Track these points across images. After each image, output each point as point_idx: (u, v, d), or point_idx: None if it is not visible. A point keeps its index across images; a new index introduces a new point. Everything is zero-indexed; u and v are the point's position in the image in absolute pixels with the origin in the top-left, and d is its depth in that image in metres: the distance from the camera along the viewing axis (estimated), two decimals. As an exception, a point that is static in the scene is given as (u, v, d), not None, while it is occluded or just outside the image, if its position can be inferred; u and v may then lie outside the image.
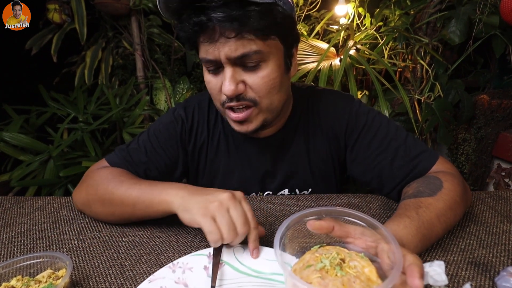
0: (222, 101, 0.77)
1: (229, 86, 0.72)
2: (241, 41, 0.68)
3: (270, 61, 0.74)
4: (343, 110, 0.89)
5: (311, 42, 2.08)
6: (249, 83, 0.74)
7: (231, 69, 0.72)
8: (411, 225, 0.60)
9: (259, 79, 0.73)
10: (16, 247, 0.73)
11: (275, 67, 0.75)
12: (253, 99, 0.75)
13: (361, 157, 0.87)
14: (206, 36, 0.70)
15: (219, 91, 0.77)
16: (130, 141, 0.94)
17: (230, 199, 0.61)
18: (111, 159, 0.90)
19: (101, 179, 0.80)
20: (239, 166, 0.95)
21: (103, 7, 2.28)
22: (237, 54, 0.69)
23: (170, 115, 0.93)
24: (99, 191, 0.78)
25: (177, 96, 2.51)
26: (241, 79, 0.73)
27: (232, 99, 0.75)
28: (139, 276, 0.61)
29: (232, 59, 0.70)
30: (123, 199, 0.74)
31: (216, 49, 0.70)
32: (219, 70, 0.75)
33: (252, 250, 0.62)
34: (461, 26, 1.71)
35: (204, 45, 0.71)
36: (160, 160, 0.90)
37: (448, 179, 0.72)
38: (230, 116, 0.79)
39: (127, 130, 2.12)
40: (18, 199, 0.95)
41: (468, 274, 0.57)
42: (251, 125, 0.79)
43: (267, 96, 0.76)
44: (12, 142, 1.87)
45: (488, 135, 1.94)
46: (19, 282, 0.55)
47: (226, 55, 0.70)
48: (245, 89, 0.74)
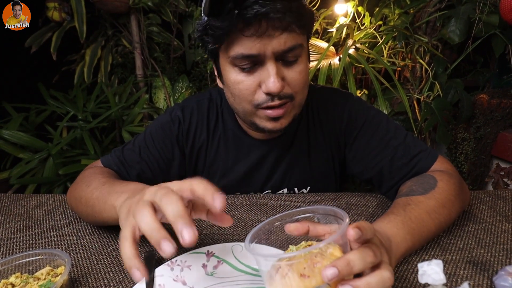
0: (260, 101, 0.74)
1: (276, 83, 0.70)
2: (288, 35, 0.68)
3: (304, 56, 0.75)
4: (342, 108, 0.89)
5: (310, 41, 2.07)
6: (289, 78, 0.73)
7: (275, 65, 0.70)
8: (396, 220, 0.60)
9: (297, 74, 0.73)
10: (15, 244, 0.73)
11: (306, 61, 0.76)
12: (290, 94, 0.75)
13: (360, 155, 0.87)
14: (252, 29, 0.66)
15: (253, 91, 0.74)
16: (128, 141, 0.93)
17: (134, 205, 0.48)
18: (104, 159, 0.89)
19: (81, 178, 0.80)
20: (238, 166, 0.95)
21: (102, 5, 2.28)
22: (285, 47, 0.68)
23: (167, 115, 0.92)
24: (76, 190, 0.78)
25: (176, 94, 2.51)
26: (282, 75, 0.72)
27: (274, 97, 0.73)
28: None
29: (280, 53, 0.69)
30: (87, 199, 0.71)
31: (261, 43, 0.67)
32: (255, 68, 0.72)
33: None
34: (460, 25, 1.71)
35: (247, 39, 0.67)
36: (154, 161, 0.89)
37: (444, 178, 0.72)
38: (267, 113, 0.76)
39: (126, 129, 2.12)
40: (17, 196, 0.95)
41: (467, 273, 0.58)
42: (284, 121, 0.78)
43: (302, 91, 0.77)
44: (11, 140, 1.87)
45: (487, 135, 1.94)
46: (18, 279, 0.56)
47: (273, 49, 0.68)
48: (284, 85, 0.73)
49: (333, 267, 0.40)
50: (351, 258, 0.42)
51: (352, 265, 0.41)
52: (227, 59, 0.73)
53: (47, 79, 2.44)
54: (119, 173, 0.87)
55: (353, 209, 0.82)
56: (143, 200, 0.47)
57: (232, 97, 0.79)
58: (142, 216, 0.45)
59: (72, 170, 1.81)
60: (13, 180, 1.79)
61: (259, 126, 0.80)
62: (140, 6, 2.37)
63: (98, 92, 2.26)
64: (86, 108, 2.14)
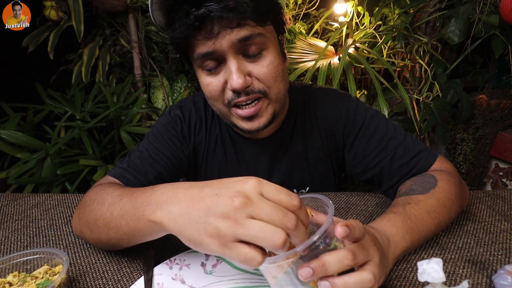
0: (228, 99, 0.74)
1: (237, 79, 0.69)
2: (242, 28, 0.67)
3: (270, 49, 0.73)
4: (340, 109, 0.89)
5: (310, 41, 2.08)
6: (255, 73, 0.72)
7: (236, 60, 0.70)
8: (396, 219, 0.60)
9: (264, 67, 0.72)
10: (13, 243, 0.72)
11: (275, 54, 0.75)
12: (262, 90, 0.74)
13: (359, 156, 0.87)
14: (205, 32, 0.67)
15: (221, 91, 0.74)
16: (129, 153, 0.87)
17: (241, 204, 0.41)
18: (113, 172, 0.81)
19: (89, 197, 0.68)
20: (236, 167, 0.95)
21: (100, 4, 2.27)
22: (240, 36, 0.67)
23: (167, 116, 0.92)
24: (86, 212, 0.66)
25: (174, 94, 2.50)
26: (247, 70, 0.72)
27: (240, 93, 0.72)
28: (136, 273, 0.61)
29: (236, 44, 0.68)
30: (106, 220, 0.59)
31: (217, 41, 0.67)
32: (220, 67, 0.73)
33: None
34: (460, 26, 1.71)
35: (203, 42, 0.69)
36: (167, 160, 0.86)
37: (444, 178, 0.72)
38: (238, 113, 0.76)
39: (124, 128, 2.11)
40: (15, 196, 0.95)
41: (466, 272, 0.57)
42: (262, 119, 0.77)
43: (275, 85, 0.75)
44: (9, 140, 1.86)
45: (486, 135, 1.95)
46: (16, 278, 0.55)
47: (229, 42, 0.67)
48: (252, 81, 0.73)
49: (308, 267, 0.41)
50: (327, 260, 0.42)
51: (326, 267, 0.42)
52: (194, 63, 0.75)
53: (45, 78, 2.43)
54: (134, 182, 0.80)
55: (352, 209, 0.82)
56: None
57: (208, 100, 0.80)
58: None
59: (70, 170, 1.81)
60: (11, 180, 1.79)
61: (238, 126, 0.79)
62: (138, 5, 2.36)
63: (96, 92, 2.26)
64: (84, 108, 2.14)
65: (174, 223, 0.45)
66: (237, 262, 0.44)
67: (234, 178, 0.45)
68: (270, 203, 0.41)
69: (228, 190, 0.43)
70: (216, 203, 0.42)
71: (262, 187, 0.43)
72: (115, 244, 0.61)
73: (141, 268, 0.62)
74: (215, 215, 0.42)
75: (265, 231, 0.39)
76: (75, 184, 1.85)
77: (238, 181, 0.44)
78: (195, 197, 0.45)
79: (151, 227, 0.50)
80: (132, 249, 0.67)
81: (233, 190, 0.42)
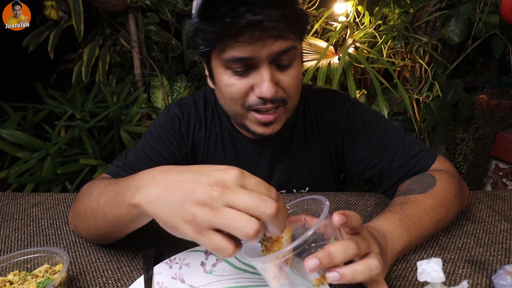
0: (251, 103, 0.73)
1: (270, 88, 0.68)
2: (283, 40, 0.67)
3: (298, 60, 0.74)
4: (339, 110, 0.89)
5: (310, 41, 2.08)
6: (282, 83, 0.72)
7: (269, 70, 0.69)
8: (393, 217, 0.61)
9: (291, 78, 0.73)
10: (14, 242, 0.72)
11: (300, 65, 0.76)
12: (283, 98, 0.74)
13: (359, 156, 0.87)
14: (247, 37, 0.65)
15: (244, 94, 0.73)
16: (125, 151, 0.89)
17: (219, 193, 0.41)
18: (109, 170, 0.83)
19: (81, 192, 0.70)
20: (234, 166, 0.94)
21: (100, 4, 2.27)
22: (279, 49, 0.67)
23: (165, 115, 0.91)
24: (77, 204, 0.67)
25: (174, 94, 2.50)
26: (276, 79, 0.71)
27: (266, 101, 0.72)
28: (136, 272, 0.61)
29: (273, 56, 0.68)
30: (94, 209, 0.59)
31: (255, 46, 0.66)
32: (248, 71, 0.71)
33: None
34: (460, 25, 1.71)
35: (242, 45, 0.66)
36: (163, 159, 0.86)
37: (443, 178, 0.72)
38: (257, 118, 0.75)
39: (124, 128, 2.11)
40: (15, 195, 0.95)
41: (465, 272, 0.57)
42: (276, 126, 0.78)
43: (295, 96, 0.76)
44: (9, 139, 1.86)
45: (486, 135, 1.95)
46: (16, 277, 0.55)
47: (268, 52, 0.67)
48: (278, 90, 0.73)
49: (315, 258, 0.42)
50: (332, 249, 0.43)
51: (333, 257, 0.42)
52: (219, 61, 0.72)
53: (45, 78, 2.43)
54: None
55: (352, 208, 0.82)
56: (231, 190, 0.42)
57: (223, 99, 0.79)
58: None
59: (70, 169, 1.81)
60: (11, 179, 1.79)
61: (250, 129, 0.79)
62: (138, 5, 2.36)
63: (96, 92, 2.25)
64: (84, 108, 2.14)
65: (151, 206, 0.45)
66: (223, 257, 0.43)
67: (216, 166, 0.45)
68: (248, 192, 0.41)
69: (208, 178, 0.42)
70: (195, 189, 0.42)
71: (243, 178, 0.43)
72: (103, 234, 0.61)
73: (141, 267, 0.62)
74: (192, 201, 0.42)
75: (239, 221, 0.39)
76: (75, 184, 1.85)
77: (220, 169, 0.44)
78: (173, 181, 0.45)
79: (132, 211, 0.50)
80: (131, 248, 0.67)
81: (214, 179, 0.42)
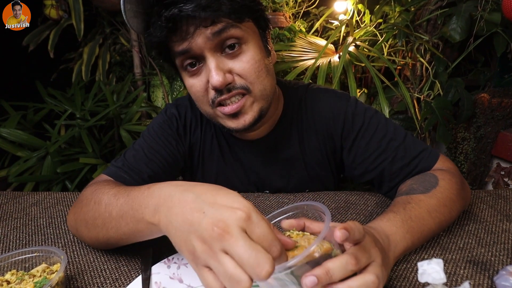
0: (212, 98, 0.73)
1: (216, 77, 0.68)
2: (217, 25, 0.67)
3: (250, 44, 0.72)
4: (338, 111, 0.86)
5: (310, 39, 2.07)
6: (236, 70, 0.71)
7: (214, 58, 0.69)
8: (396, 218, 0.60)
9: (245, 63, 0.71)
10: (12, 241, 0.72)
11: (256, 49, 0.73)
12: (245, 86, 0.73)
13: (359, 159, 0.85)
14: (180, 34, 0.67)
15: (204, 92, 0.73)
16: (124, 151, 0.88)
17: (219, 236, 0.40)
18: (107, 171, 0.82)
19: (85, 196, 0.68)
20: (232, 170, 0.94)
21: (100, 3, 2.27)
22: (214, 30, 0.66)
23: (163, 115, 0.91)
24: (82, 211, 0.66)
25: (174, 93, 2.50)
26: (227, 67, 0.71)
27: (221, 91, 0.71)
28: (133, 271, 0.61)
29: (211, 39, 0.67)
30: (105, 220, 0.60)
31: (193, 40, 0.67)
32: (200, 67, 0.72)
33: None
34: (462, 23, 1.70)
35: (180, 43, 0.68)
36: (162, 159, 0.86)
37: (445, 177, 0.72)
38: (223, 111, 0.74)
39: (124, 127, 2.11)
40: (14, 194, 0.95)
41: (467, 273, 0.57)
42: (247, 116, 0.75)
43: (258, 81, 0.74)
44: (9, 138, 1.86)
45: (488, 134, 1.93)
46: (14, 276, 0.55)
47: (204, 38, 0.67)
48: (233, 78, 0.72)
49: (312, 276, 0.41)
50: (331, 266, 0.42)
51: (331, 274, 0.41)
52: (178, 67, 0.75)
53: (45, 77, 2.43)
54: (129, 180, 0.80)
55: (352, 208, 0.81)
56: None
57: (196, 103, 0.80)
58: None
59: (70, 168, 1.81)
60: (11, 178, 1.79)
61: (225, 126, 0.78)
62: (139, 4, 2.36)
63: (96, 91, 2.25)
64: (84, 107, 2.13)
65: (166, 228, 0.48)
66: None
67: (230, 195, 0.44)
68: (247, 245, 0.39)
69: (214, 213, 0.41)
70: (200, 223, 0.42)
71: (250, 224, 0.41)
72: (113, 243, 0.62)
73: (139, 267, 0.62)
74: (195, 234, 0.42)
75: (231, 276, 0.38)
76: (75, 183, 1.85)
77: (230, 206, 0.42)
78: (186, 207, 0.45)
79: (151, 228, 0.52)
80: (130, 248, 0.67)
81: (219, 216, 0.41)
